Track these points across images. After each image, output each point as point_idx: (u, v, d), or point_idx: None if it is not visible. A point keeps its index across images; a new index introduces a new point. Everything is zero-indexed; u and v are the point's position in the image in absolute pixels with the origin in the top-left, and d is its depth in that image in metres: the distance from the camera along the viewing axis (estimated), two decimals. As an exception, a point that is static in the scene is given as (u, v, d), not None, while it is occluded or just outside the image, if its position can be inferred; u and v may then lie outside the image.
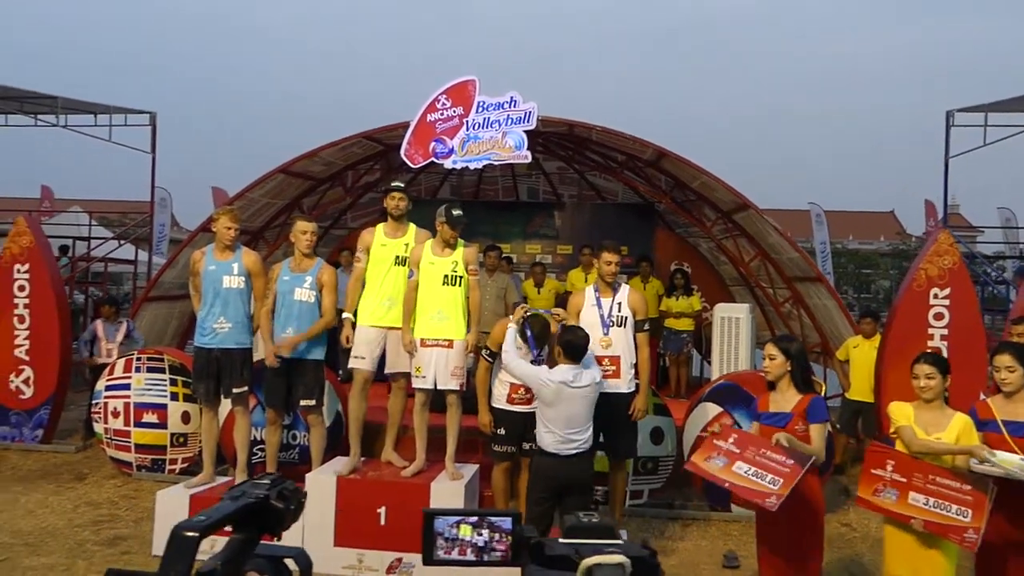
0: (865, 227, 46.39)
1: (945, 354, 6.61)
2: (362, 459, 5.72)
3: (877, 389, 7.05)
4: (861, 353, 7.58)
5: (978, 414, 3.86)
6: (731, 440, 4.01)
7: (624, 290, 5.40)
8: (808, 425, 3.91)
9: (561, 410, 4.59)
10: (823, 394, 7.62)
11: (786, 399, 4.00)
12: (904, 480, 3.75)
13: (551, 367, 4.75)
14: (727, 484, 3.88)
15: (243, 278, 5.75)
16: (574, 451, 4.63)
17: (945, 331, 6.75)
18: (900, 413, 3.87)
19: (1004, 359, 3.83)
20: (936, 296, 6.81)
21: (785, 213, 29.82)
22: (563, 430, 4.59)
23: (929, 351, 4.35)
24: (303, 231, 5.72)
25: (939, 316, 6.79)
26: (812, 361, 9.79)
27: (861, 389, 7.50)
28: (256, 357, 5.95)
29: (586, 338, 4.74)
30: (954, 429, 3.73)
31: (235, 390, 5.80)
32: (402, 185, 5.83)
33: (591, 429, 4.74)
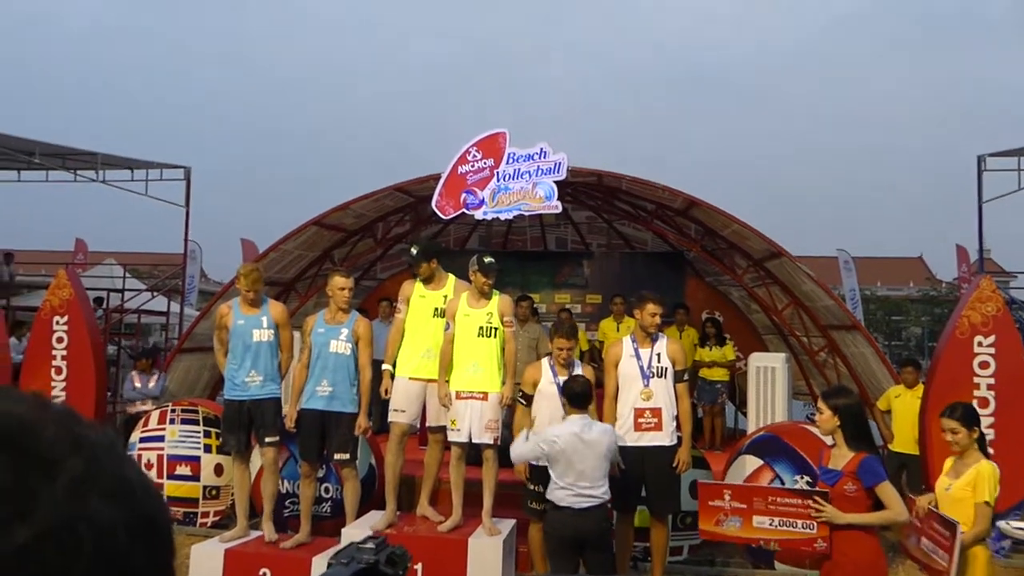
0: (894, 273, 45.97)
1: (993, 404, 6.50)
2: (398, 513, 5.65)
3: (922, 441, 6.86)
4: (903, 403, 7.40)
5: None
6: (727, 497, 4.01)
7: (663, 340, 5.34)
8: (859, 486, 3.73)
9: (574, 463, 4.50)
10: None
11: (841, 455, 3.87)
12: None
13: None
14: (771, 544, 3.82)
15: (272, 331, 5.81)
16: (588, 505, 4.52)
17: (992, 380, 6.58)
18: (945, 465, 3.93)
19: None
20: (980, 344, 6.65)
21: (812, 260, 29.62)
22: (576, 484, 4.50)
23: (954, 403, 4.22)
24: (341, 287, 5.73)
25: (984, 364, 6.62)
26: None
27: (905, 441, 7.29)
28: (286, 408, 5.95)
29: (587, 384, 4.69)
30: (967, 478, 3.77)
31: (267, 439, 5.80)
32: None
33: (607, 483, 4.63)
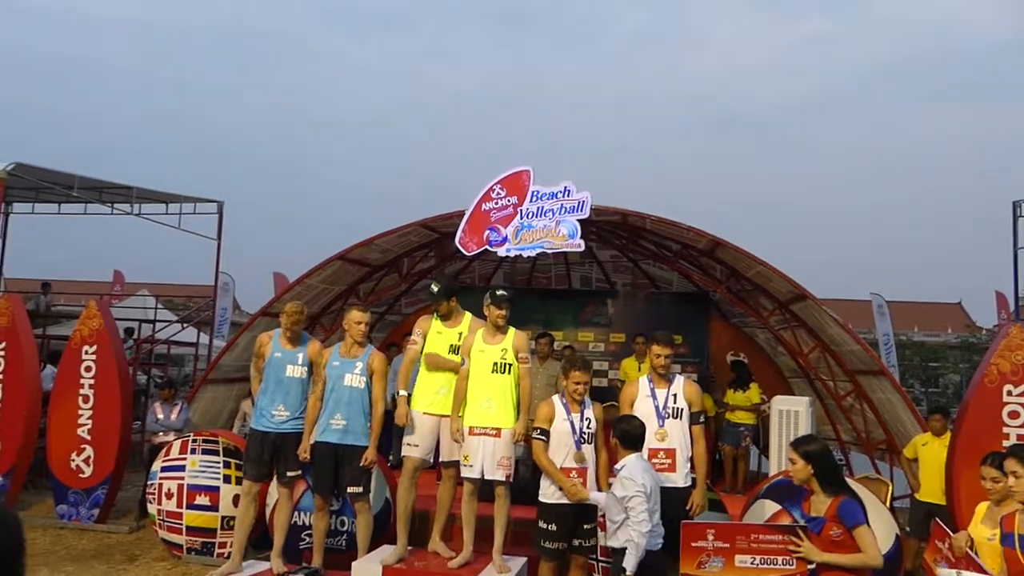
0: (931, 318, 45.08)
1: None
2: (409, 548, 5.63)
3: (949, 490, 6.69)
4: (930, 451, 7.23)
5: (1003, 527, 3.77)
6: (710, 537, 4.04)
7: (679, 381, 5.31)
8: (843, 529, 3.73)
9: (654, 501, 4.52)
10: (889, 494, 7.29)
11: (821, 501, 3.87)
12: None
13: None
14: None
15: (306, 368, 5.90)
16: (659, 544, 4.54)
17: (1022, 430, 6.41)
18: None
19: (1010, 463, 3.73)
20: (1010, 393, 6.50)
21: (846, 304, 29.25)
22: (656, 524, 4.54)
23: (997, 451, 4.15)
24: (357, 321, 5.80)
25: (1014, 414, 6.46)
26: (877, 459, 9.47)
27: (932, 490, 7.11)
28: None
29: (642, 427, 4.66)
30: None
31: (289, 474, 5.86)
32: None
33: None
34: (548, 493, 5.15)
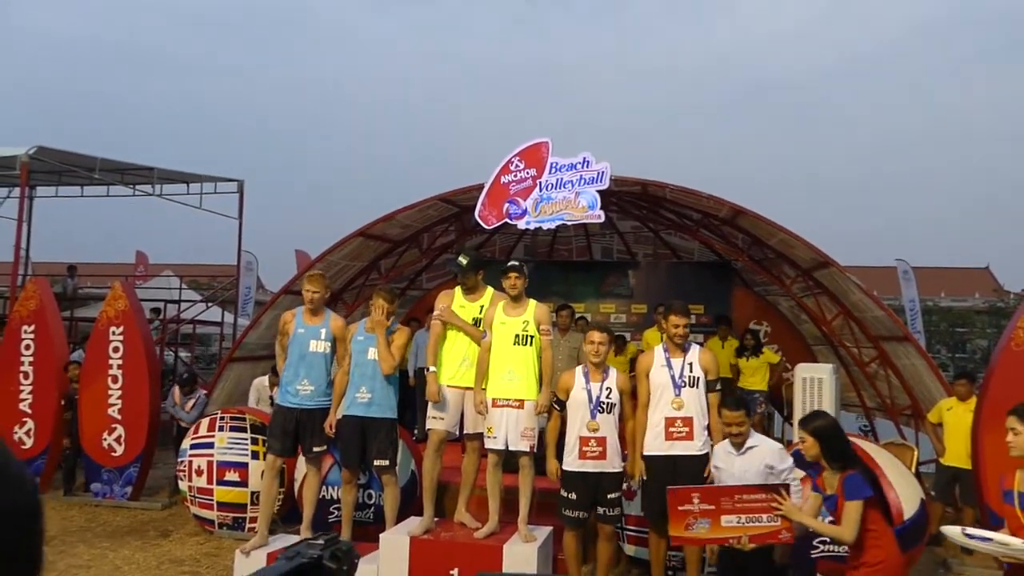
0: (958, 283, 44.55)
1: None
2: (436, 519, 5.70)
3: (974, 454, 6.65)
4: (955, 416, 7.19)
5: (1003, 483, 3.71)
6: (696, 500, 4.15)
7: (695, 350, 5.31)
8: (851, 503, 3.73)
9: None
10: (915, 459, 7.26)
11: (831, 478, 3.87)
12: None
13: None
14: (741, 540, 4.06)
15: (329, 343, 5.95)
16: None
17: (1048, 393, 6.34)
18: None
19: (1011, 420, 3.64)
20: (1036, 356, 6.42)
21: (872, 270, 28.93)
22: None
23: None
24: (381, 307, 5.82)
25: (1040, 377, 6.39)
26: (903, 424, 9.41)
27: (957, 454, 7.08)
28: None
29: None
30: None
31: (315, 449, 5.94)
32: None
33: None
34: (569, 460, 5.20)
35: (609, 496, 5.17)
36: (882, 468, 5.73)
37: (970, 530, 3.70)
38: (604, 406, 5.15)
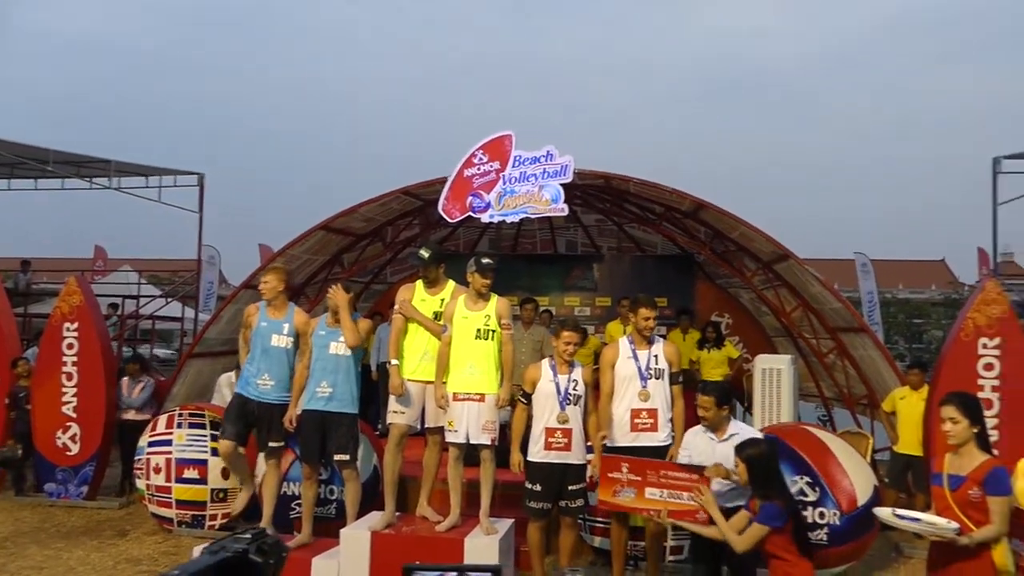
0: (916, 276, 45.47)
1: (997, 405, 6.43)
2: (397, 514, 5.69)
3: (926, 442, 6.81)
4: (908, 405, 7.36)
5: (932, 467, 3.84)
6: (625, 469, 4.40)
7: (660, 342, 5.37)
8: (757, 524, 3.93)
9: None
10: (870, 447, 7.41)
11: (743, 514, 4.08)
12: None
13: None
14: (661, 513, 4.31)
15: (291, 338, 5.91)
16: None
17: (996, 382, 6.51)
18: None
19: (947, 410, 3.69)
20: (985, 346, 6.59)
21: (832, 263, 29.41)
22: None
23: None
24: (336, 290, 5.80)
25: (989, 367, 6.55)
26: (859, 414, 9.59)
27: (910, 442, 7.25)
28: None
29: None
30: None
31: (271, 444, 5.89)
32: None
33: None
34: (534, 452, 5.22)
35: (571, 488, 5.19)
36: (837, 456, 5.86)
37: (900, 511, 3.80)
38: (571, 398, 5.19)
